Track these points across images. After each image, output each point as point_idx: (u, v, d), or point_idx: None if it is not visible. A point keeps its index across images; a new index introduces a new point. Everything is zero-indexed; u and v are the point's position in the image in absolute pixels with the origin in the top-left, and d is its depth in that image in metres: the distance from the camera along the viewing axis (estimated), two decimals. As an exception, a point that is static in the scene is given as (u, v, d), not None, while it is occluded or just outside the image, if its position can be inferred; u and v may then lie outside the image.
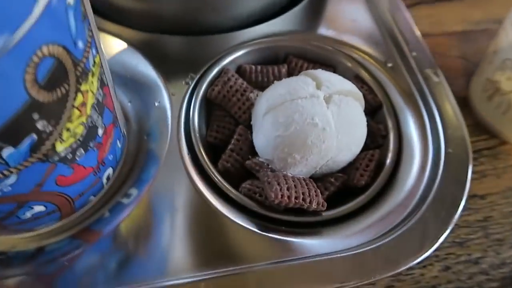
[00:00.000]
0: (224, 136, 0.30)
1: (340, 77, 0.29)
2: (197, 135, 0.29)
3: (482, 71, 0.36)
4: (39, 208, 0.24)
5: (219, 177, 0.27)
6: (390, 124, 0.30)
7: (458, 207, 0.26)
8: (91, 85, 0.21)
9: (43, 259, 0.25)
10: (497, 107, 0.34)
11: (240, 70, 0.33)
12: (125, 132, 0.30)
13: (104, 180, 0.27)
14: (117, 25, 0.33)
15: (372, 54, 0.33)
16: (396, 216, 0.26)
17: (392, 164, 0.29)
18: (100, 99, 0.23)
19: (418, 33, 0.34)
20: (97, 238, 0.26)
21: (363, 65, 0.33)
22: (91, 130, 0.23)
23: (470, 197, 0.33)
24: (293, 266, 0.24)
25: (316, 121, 0.26)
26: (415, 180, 0.28)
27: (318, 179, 0.29)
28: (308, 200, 0.26)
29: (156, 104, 0.30)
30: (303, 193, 0.26)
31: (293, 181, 0.26)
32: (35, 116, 0.18)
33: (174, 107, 0.30)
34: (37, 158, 0.20)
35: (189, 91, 0.31)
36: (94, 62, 0.21)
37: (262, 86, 0.31)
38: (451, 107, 0.30)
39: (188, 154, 0.28)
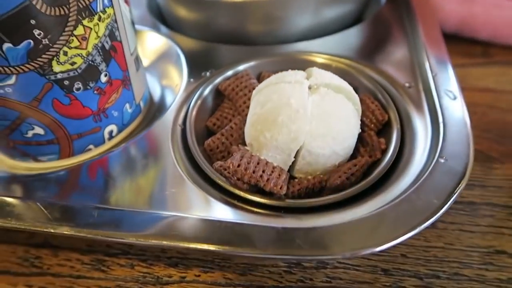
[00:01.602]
0: (223, 125, 0.31)
1: (338, 77, 0.28)
2: (194, 113, 0.31)
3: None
4: (39, 130, 0.28)
5: (198, 150, 0.28)
6: (394, 139, 0.28)
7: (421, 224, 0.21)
8: (96, 26, 0.26)
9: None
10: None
11: (259, 76, 0.35)
12: (142, 105, 0.33)
13: (106, 135, 0.31)
14: (174, 32, 0.40)
15: (393, 76, 0.32)
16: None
17: (378, 174, 0.25)
18: (107, 47, 0.27)
19: (448, 62, 0.31)
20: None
21: (381, 84, 0.31)
22: (91, 69, 0.27)
23: (497, 252, 0.27)
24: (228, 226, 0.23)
25: (291, 101, 0.25)
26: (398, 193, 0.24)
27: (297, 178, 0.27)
28: (265, 178, 0.25)
29: (175, 87, 0.34)
30: (263, 171, 0.25)
31: (258, 160, 0.26)
32: (33, 21, 0.23)
33: (186, 89, 0.33)
34: (33, 66, 0.24)
35: (206, 80, 0.33)
36: (105, 10, 0.26)
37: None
38: (459, 127, 0.26)
39: (181, 125, 0.30)
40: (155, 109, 0.35)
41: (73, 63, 0.26)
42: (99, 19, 0.26)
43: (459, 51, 0.45)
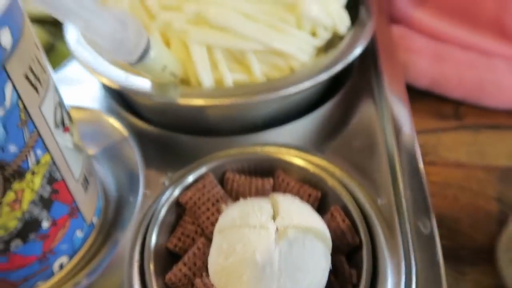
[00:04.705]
0: (186, 246, 0.29)
1: (306, 209, 0.26)
2: (153, 241, 0.28)
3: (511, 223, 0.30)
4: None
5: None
6: (364, 271, 0.26)
7: None
8: (30, 183, 0.22)
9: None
10: (521, 275, 0.28)
11: (224, 177, 0.32)
12: (95, 221, 0.30)
13: (56, 268, 0.28)
14: (134, 117, 0.36)
15: (367, 186, 0.30)
16: None
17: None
18: (46, 195, 0.24)
19: (421, 167, 0.30)
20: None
21: (354, 196, 0.29)
22: (29, 223, 0.24)
23: None
24: None
25: (257, 257, 0.23)
26: None
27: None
28: None
29: (131, 199, 0.31)
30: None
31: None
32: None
33: (144, 205, 0.30)
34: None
35: (164, 192, 0.30)
36: (39, 161, 0.23)
37: (243, 198, 0.30)
38: (433, 267, 0.25)
39: (138, 261, 0.28)
40: (111, 216, 0.32)
41: (6, 229, 0.22)
42: (33, 173, 0.23)
43: (430, 110, 0.44)
